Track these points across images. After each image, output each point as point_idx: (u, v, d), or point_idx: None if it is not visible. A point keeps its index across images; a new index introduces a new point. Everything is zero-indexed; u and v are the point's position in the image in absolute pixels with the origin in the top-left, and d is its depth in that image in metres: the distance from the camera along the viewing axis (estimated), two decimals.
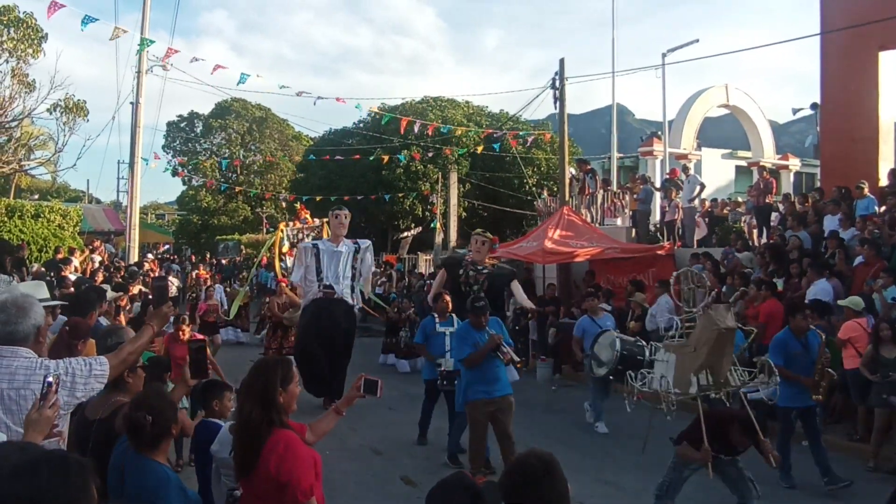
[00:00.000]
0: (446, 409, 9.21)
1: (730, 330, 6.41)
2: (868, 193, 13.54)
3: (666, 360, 7.02)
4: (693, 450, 6.12)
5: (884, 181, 14.41)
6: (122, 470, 3.53)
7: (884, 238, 11.88)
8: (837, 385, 9.63)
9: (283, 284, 14.88)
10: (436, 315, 9.74)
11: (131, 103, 24.25)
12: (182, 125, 53.45)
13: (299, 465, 3.41)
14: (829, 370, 8.18)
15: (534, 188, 28.45)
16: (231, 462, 4.13)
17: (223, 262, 36.78)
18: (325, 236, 15.63)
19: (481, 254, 11.29)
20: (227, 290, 20.29)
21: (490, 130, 29.00)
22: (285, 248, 19.07)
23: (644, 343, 8.42)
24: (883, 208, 13.37)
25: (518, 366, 7.51)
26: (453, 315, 9.62)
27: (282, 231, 19.68)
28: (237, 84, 22.95)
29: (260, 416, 3.47)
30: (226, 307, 17.94)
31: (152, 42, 22.30)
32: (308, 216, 20.10)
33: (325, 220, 15.82)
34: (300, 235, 19.09)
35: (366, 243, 11.94)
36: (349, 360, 11.61)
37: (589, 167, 21.35)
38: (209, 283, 20.08)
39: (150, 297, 5.78)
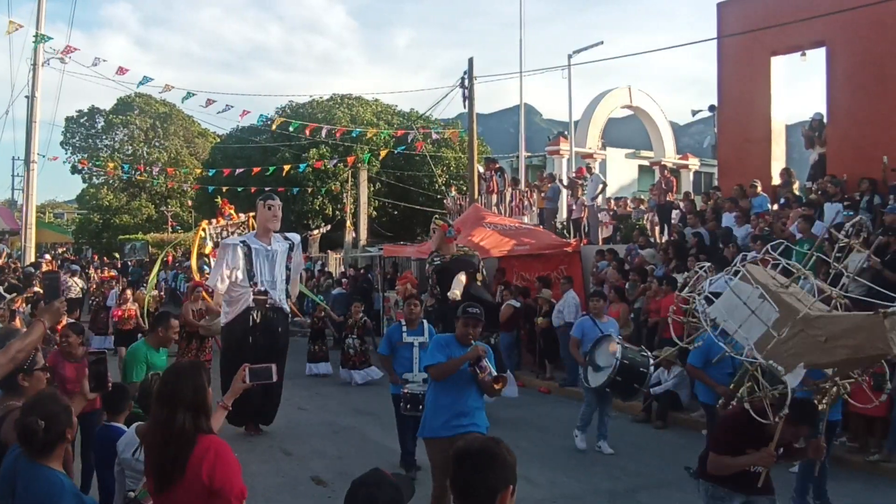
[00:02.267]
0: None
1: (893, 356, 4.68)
2: (761, 192, 14.15)
3: (753, 306, 4.94)
4: (734, 458, 4.74)
5: (776, 180, 15.08)
6: (12, 479, 3.39)
7: (775, 234, 12.43)
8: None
9: (201, 287, 13.16)
10: (403, 322, 8.36)
11: (27, 97, 23.28)
12: (82, 121, 51.64)
13: (231, 469, 3.37)
14: (838, 380, 5.91)
15: (443, 187, 28.62)
16: (134, 464, 4.02)
17: (129, 263, 35.48)
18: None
19: (434, 243, 10.39)
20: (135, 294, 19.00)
21: (402, 131, 28.98)
22: (208, 249, 17.00)
23: (649, 353, 7.31)
24: (775, 206, 14.01)
25: (497, 386, 5.85)
26: (424, 322, 8.38)
27: (203, 230, 17.81)
28: (138, 86, 21.61)
29: (192, 424, 3.35)
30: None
31: (49, 38, 21.46)
32: (233, 212, 18.16)
33: (252, 214, 14.00)
34: (224, 234, 17.44)
35: (296, 238, 10.46)
36: (282, 380, 10.01)
37: (497, 166, 21.63)
38: (118, 284, 18.52)
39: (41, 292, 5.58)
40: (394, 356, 8.17)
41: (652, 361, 6.95)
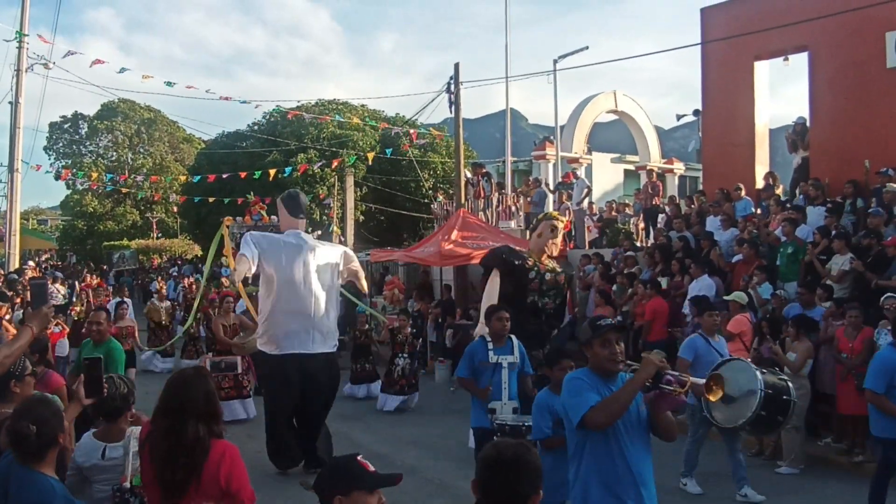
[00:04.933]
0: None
1: None
2: (745, 196, 14.26)
3: None
4: None
5: (760, 183, 15.19)
6: (5, 484, 3.38)
7: (761, 237, 12.54)
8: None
9: (230, 298, 12.03)
10: (488, 338, 6.88)
11: (10, 103, 23.12)
12: (66, 126, 51.33)
13: (244, 473, 3.54)
14: None
15: (430, 191, 28.63)
16: (105, 464, 3.99)
17: (123, 273, 35.20)
18: None
19: (540, 242, 8.44)
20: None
21: (386, 125, 28.98)
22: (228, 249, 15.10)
23: (786, 376, 5.92)
24: (758, 210, 14.12)
25: (712, 397, 4.04)
26: (512, 338, 6.88)
27: (227, 227, 14.98)
28: (121, 71, 21.61)
29: (207, 432, 3.44)
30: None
31: (26, 35, 21.40)
32: (264, 212, 16.20)
33: None
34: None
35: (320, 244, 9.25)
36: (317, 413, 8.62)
37: (484, 170, 21.69)
38: (113, 296, 17.00)
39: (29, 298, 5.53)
40: (478, 379, 6.76)
41: (791, 384, 5.44)
